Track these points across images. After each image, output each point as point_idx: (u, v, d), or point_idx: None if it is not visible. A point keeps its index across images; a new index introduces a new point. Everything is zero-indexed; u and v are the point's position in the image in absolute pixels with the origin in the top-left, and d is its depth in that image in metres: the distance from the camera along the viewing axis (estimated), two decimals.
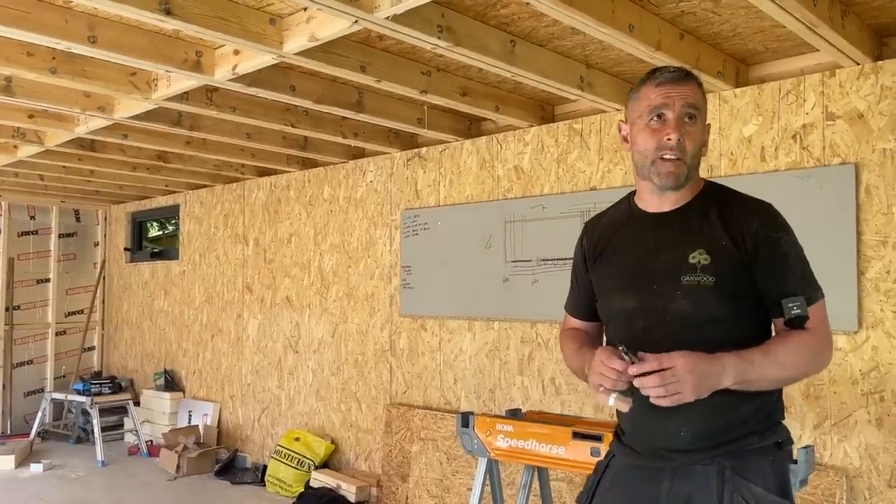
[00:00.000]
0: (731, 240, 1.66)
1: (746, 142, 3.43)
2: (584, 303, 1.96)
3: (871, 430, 3.04)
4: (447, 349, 4.67)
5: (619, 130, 1.83)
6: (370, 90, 3.87)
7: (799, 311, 1.63)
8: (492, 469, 3.07)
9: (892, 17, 2.94)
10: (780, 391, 1.74)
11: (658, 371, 1.51)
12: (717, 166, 3.49)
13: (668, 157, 1.67)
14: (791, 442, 1.75)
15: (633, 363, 1.54)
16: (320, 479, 5.04)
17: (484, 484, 3.06)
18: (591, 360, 1.66)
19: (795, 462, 2.41)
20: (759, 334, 1.69)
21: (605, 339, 1.91)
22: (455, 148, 4.68)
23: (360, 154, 5.33)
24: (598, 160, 3.96)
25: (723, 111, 3.50)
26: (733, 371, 1.55)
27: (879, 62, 3.07)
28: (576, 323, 2.01)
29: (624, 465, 1.81)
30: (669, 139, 1.66)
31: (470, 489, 3.41)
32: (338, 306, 5.44)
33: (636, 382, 1.54)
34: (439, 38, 2.81)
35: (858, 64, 3.11)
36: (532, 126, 4.22)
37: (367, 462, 5.17)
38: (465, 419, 3.07)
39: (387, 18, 2.59)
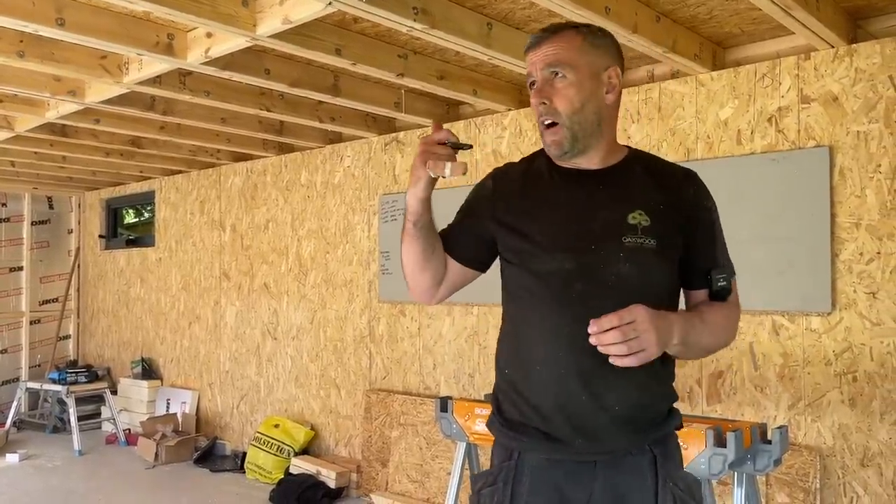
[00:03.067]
0: (669, 204, 1.59)
1: (723, 125, 3.44)
2: (465, 243, 1.72)
3: (844, 410, 3.09)
4: (426, 334, 4.66)
5: None
6: (346, 73, 3.84)
7: (725, 283, 1.61)
8: (471, 453, 3.07)
9: None
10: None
11: (618, 326, 1.36)
12: (694, 150, 3.51)
13: (546, 122, 1.58)
14: (682, 425, 1.68)
15: (466, 146, 1.52)
16: (300, 466, 5.03)
17: (463, 468, 3.06)
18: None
19: (770, 442, 2.45)
20: (676, 304, 1.65)
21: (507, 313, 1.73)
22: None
23: (337, 139, 5.28)
24: None
25: (699, 94, 3.51)
26: (680, 331, 1.46)
27: (854, 45, 3.09)
28: None
29: (541, 462, 1.57)
30: (538, 107, 1.58)
31: (449, 473, 3.41)
32: (316, 293, 5.42)
33: (593, 340, 1.37)
34: (415, 20, 2.78)
35: (833, 47, 3.12)
36: (510, 110, 4.21)
37: (346, 448, 5.17)
38: (444, 404, 3.07)
39: (361, 0, 2.56)
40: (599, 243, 1.55)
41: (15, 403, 6.74)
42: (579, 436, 1.53)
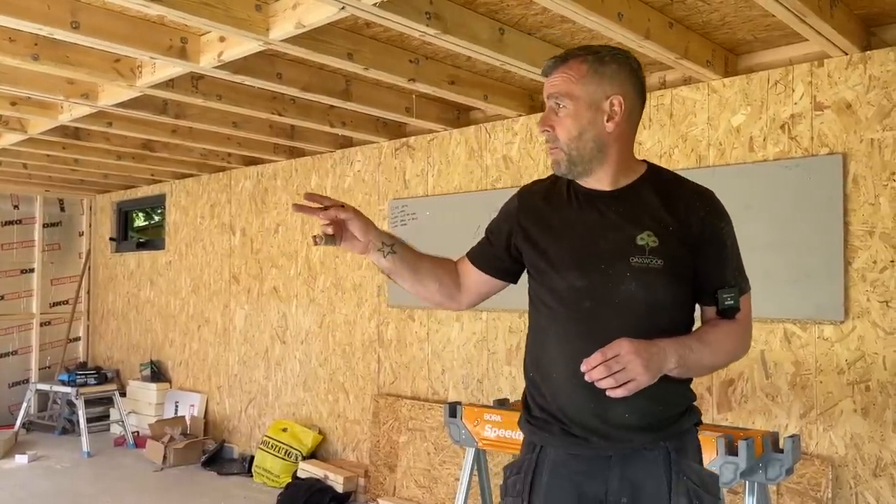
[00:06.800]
0: (678, 224, 1.65)
1: (735, 132, 3.42)
2: (490, 255, 1.90)
3: (857, 420, 3.06)
4: (435, 339, 4.66)
5: None
6: (358, 78, 3.84)
7: (732, 302, 1.68)
8: (479, 459, 3.06)
9: (881, 6, 2.93)
10: None
11: (602, 362, 1.48)
12: (706, 156, 3.49)
13: (550, 147, 1.72)
14: (700, 421, 1.78)
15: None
16: (307, 470, 5.03)
17: (472, 474, 3.05)
18: None
19: (782, 451, 2.43)
20: (691, 321, 1.72)
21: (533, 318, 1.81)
22: (443, 137, 4.66)
23: (347, 143, 5.29)
24: None
25: (711, 101, 3.49)
26: (675, 356, 1.55)
27: (868, 52, 3.07)
28: (465, 265, 1.95)
29: (561, 455, 1.70)
30: (542, 133, 1.72)
31: (458, 479, 3.41)
32: (325, 297, 5.42)
33: (587, 378, 1.50)
34: (427, 25, 2.78)
35: (847, 54, 3.11)
36: (521, 115, 4.20)
37: (354, 452, 5.16)
38: (453, 409, 3.06)
39: (374, 5, 2.56)
40: (608, 263, 1.64)
41: (24, 405, 6.79)
42: (595, 435, 1.64)
